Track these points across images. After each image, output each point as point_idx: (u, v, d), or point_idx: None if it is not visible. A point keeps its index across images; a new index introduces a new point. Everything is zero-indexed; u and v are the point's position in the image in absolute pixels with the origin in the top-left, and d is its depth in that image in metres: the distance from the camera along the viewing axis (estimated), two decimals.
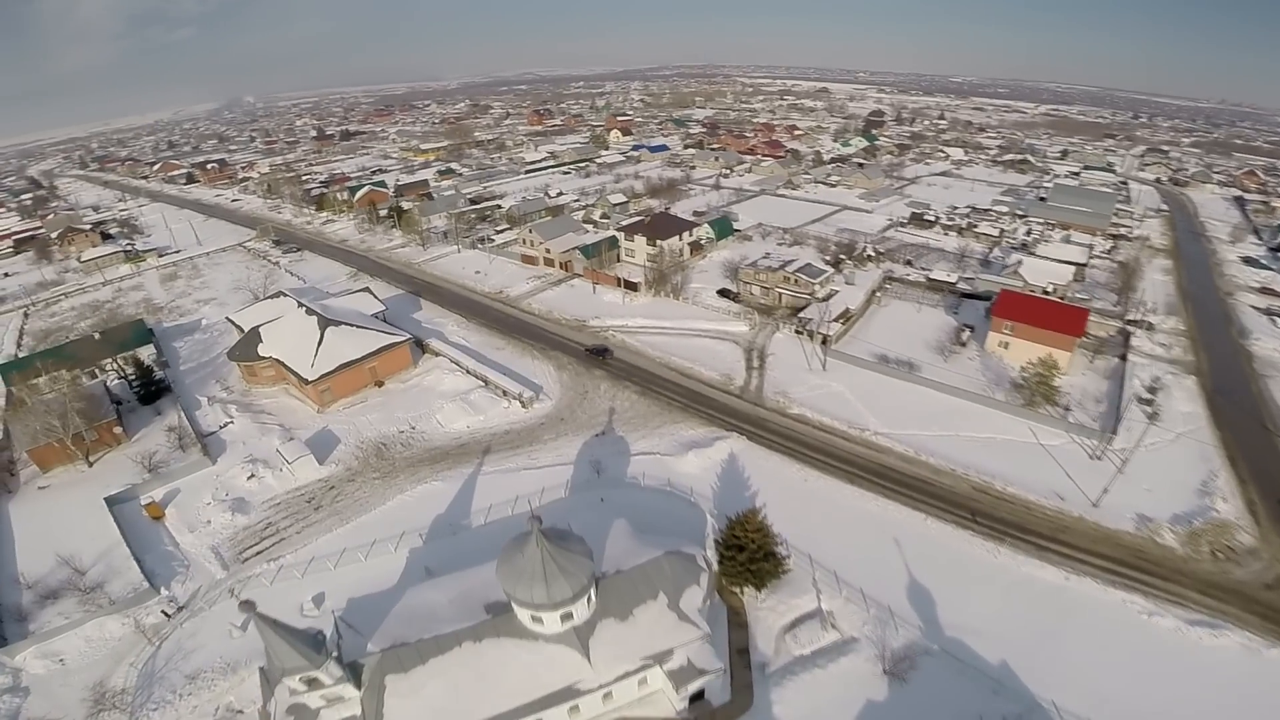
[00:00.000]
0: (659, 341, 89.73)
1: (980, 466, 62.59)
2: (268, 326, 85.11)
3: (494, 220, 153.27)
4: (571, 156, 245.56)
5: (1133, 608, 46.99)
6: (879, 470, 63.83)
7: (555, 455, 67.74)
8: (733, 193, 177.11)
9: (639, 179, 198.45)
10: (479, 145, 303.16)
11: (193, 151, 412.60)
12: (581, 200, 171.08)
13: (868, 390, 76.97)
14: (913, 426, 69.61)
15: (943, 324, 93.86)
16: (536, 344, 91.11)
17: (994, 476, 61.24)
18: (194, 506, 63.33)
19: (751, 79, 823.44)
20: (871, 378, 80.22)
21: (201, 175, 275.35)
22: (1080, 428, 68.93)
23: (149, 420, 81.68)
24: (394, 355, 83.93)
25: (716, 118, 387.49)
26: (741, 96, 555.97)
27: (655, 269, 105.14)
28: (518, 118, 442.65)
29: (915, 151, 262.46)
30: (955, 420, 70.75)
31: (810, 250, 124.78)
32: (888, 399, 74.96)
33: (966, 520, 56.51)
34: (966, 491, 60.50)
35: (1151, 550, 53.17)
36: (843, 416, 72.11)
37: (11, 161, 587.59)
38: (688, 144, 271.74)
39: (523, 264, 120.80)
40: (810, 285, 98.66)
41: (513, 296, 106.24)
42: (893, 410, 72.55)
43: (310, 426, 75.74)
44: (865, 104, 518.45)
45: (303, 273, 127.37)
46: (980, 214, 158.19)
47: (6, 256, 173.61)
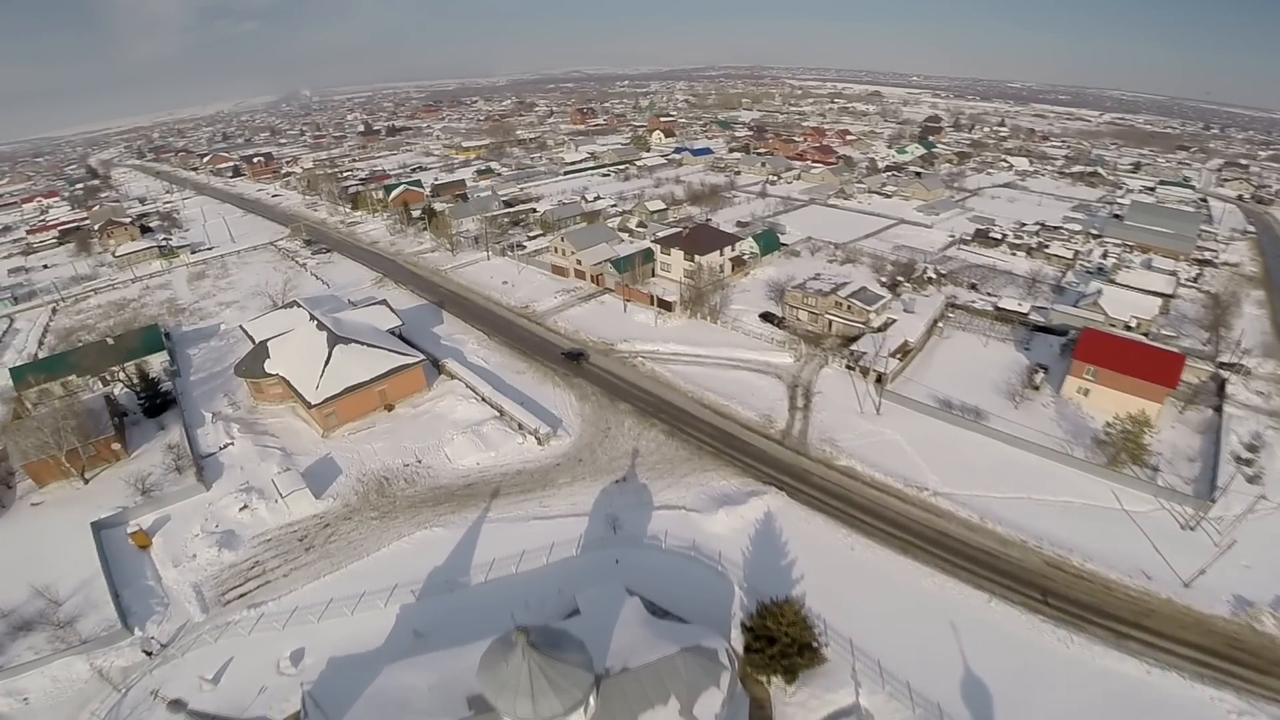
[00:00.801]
0: (692, 373, 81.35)
1: (1055, 537, 54.01)
2: (276, 341, 79.94)
3: (527, 225, 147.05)
4: (612, 158, 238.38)
5: (1222, 706, 40.39)
6: (937, 539, 54.99)
7: (569, 503, 60.55)
8: (779, 201, 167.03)
9: (680, 184, 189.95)
10: (520, 144, 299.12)
11: (245, 144, 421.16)
12: (619, 206, 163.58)
13: (927, 440, 67.42)
14: (978, 486, 60.24)
15: (1012, 362, 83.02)
16: (559, 369, 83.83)
17: (1070, 549, 52.74)
18: (182, 537, 58.45)
19: (800, 81, 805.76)
20: (932, 425, 70.44)
21: (248, 169, 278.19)
22: (1171, 492, 59.11)
23: (152, 435, 77.68)
24: (406, 377, 77.67)
25: (763, 120, 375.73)
26: (790, 99, 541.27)
27: (692, 287, 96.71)
28: (561, 116, 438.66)
29: (976, 160, 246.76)
30: (1027, 479, 61.16)
31: (864, 270, 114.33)
32: (950, 452, 65.41)
33: (1036, 602, 48.41)
34: (1037, 567, 51.78)
35: (1248, 639, 45.39)
36: (898, 472, 62.86)
37: (78, 149, 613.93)
38: (733, 147, 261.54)
39: (553, 275, 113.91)
40: (865, 313, 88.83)
41: (539, 312, 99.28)
42: (955, 466, 63.05)
43: (312, 453, 70.11)
44: (920, 108, 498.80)
45: (329, 276, 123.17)
46: (1051, 232, 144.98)
47: (50, 247, 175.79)
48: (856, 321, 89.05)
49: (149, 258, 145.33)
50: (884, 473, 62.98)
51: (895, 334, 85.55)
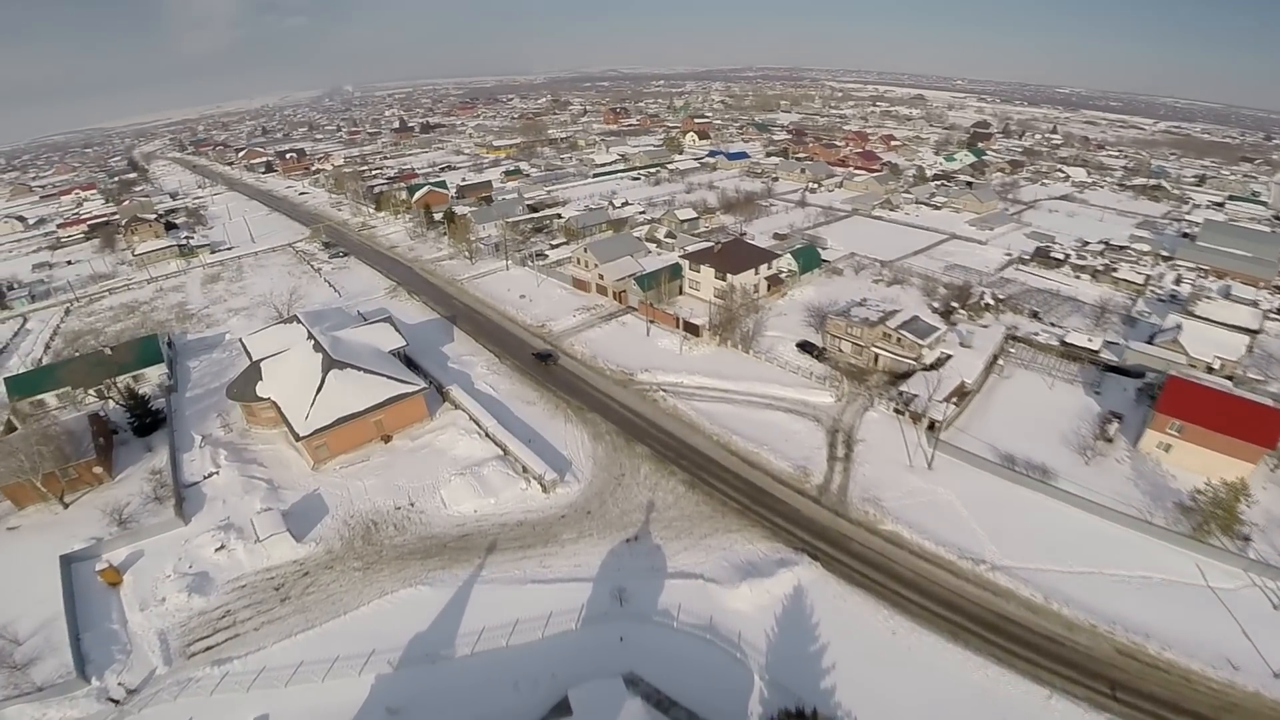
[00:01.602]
0: (719, 412, 72.90)
1: (1129, 619, 46.87)
2: (270, 362, 74.21)
3: (550, 232, 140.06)
4: (643, 160, 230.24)
5: None
6: (994, 622, 47.47)
7: (572, 564, 53.48)
8: (820, 212, 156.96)
9: (713, 189, 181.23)
10: (551, 143, 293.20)
11: (283, 139, 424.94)
12: (647, 213, 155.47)
13: (985, 502, 58.60)
14: (1043, 558, 52.21)
15: (1082, 408, 73.08)
16: (573, 400, 76.31)
17: (1146, 634, 45.69)
18: (153, 577, 53.74)
19: (840, 83, 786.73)
20: (990, 484, 61.35)
21: (280, 164, 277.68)
22: (1264, 566, 51.09)
23: (139, 456, 72.83)
24: (405, 406, 71.08)
25: (803, 123, 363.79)
26: (830, 101, 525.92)
27: (723, 309, 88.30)
28: (595, 115, 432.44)
29: (1030, 170, 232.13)
30: (1099, 550, 53.08)
31: (913, 293, 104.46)
32: (1011, 517, 56.77)
33: (1104, 697, 42.03)
34: (1107, 655, 44.86)
35: None
36: (951, 540, 54.36)
37: (126, 140, 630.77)
38: (770, 151, 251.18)
39: (573, 289, 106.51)
40: (917, 347, 79.31)
41: (556, 333, 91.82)
42: (1017, 534, 54.68)
43: (299, 487, 64.28)
44: (965, 113, 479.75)
45: (342, 283, 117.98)
46: (1117, 252, 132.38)
47: (77, 242, 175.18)
48: (907, 357, 79.61)
49: (168, 257, 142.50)
50: (935, 540, 54.52)
51: (950, 373, 76.03)
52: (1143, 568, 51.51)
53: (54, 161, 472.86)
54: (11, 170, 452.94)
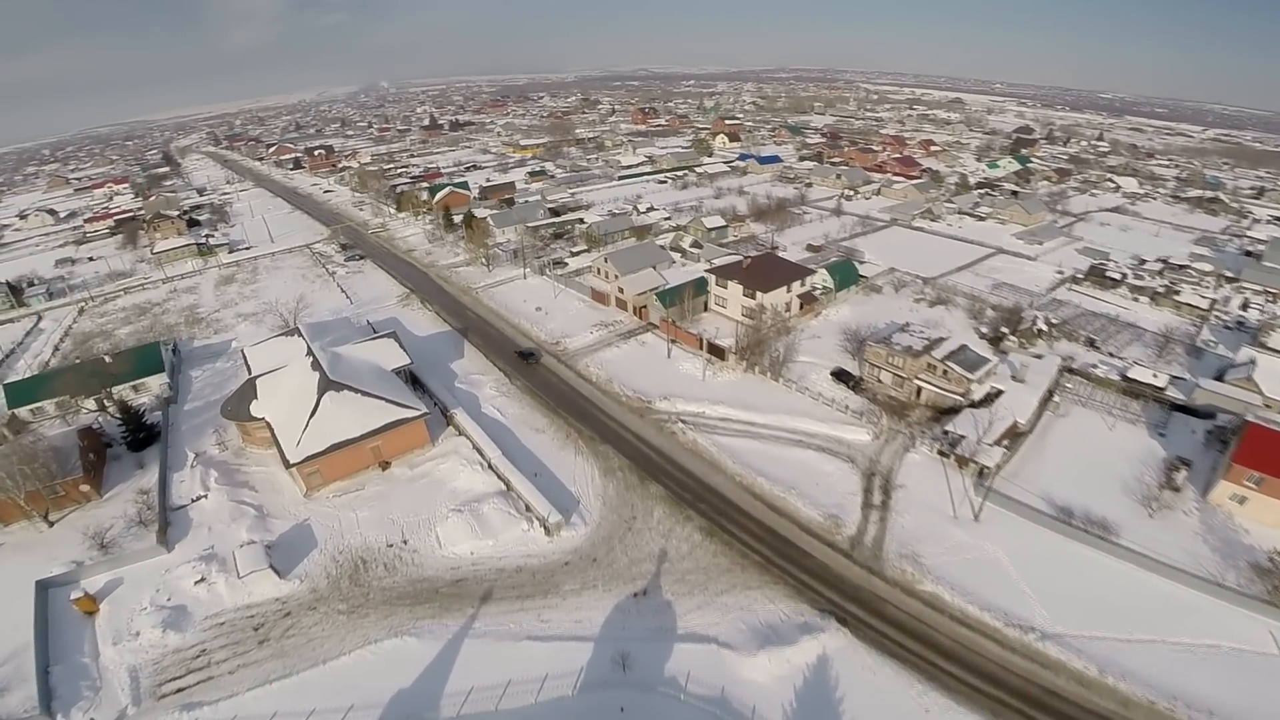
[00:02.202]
0: (744, 449, 66.44)
1: (1193, 694, 41.43)
2: (266, 379, 69.90)
3: (571, 238, 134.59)
4: (670, 163, 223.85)
5: None
6: (1040, 699, 41.95)
7: (573, 620, 48.27)
8: (857, 221, 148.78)
9: (743, 195, 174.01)
10: (578, 143, 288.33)
11: (315, 134, 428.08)
12: (673, 219, 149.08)
13: (1037, 560, 52.31)
14: (1099, 625, 46.58)
15: (1145, 452, 65.55)
16: (585, 429, 70.56)
17: (1211, 712, 40.31)
18: (129, 607, 50.47)
19: (875, 85, 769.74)
20: (1043, 539, 54.78)
21: (308, 161, 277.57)
22: None
23: (130, 473, 69.74)
24: (405, 432, 66.14)
25: (837, 126, 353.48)
26: (865, 104, 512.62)
27: (751, 331, 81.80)
28: (623, 115, 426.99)
29: (1077, 179, 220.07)
30: (1162, 615, 47.17)
31: (958, 315, 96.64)
32: (1065, 577, 50.61)
33: None
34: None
35: None
36: (997, 603, 48.22)
37: (166, 133, 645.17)
38: (803, 155, 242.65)
39: (592, 302, 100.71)
40: (965, 381, 71.91)
41: (571, 351, 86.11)
42: (1071, 596, 48.68)
43: (289, 515, 60.07)
44: (1005, 117, 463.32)
45: (355, 288, 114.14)
46: (1176, 272, 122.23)
47: (103, 237, 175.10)
48: (954, 392, 72.22)
49: (186, 256, 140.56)
50: (979, 604, 48.32)
51: (1001, 411, 68.52)
52: (1211, 635, 45.79)
53: (95, 154, 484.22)
54: (54, 162, 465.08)
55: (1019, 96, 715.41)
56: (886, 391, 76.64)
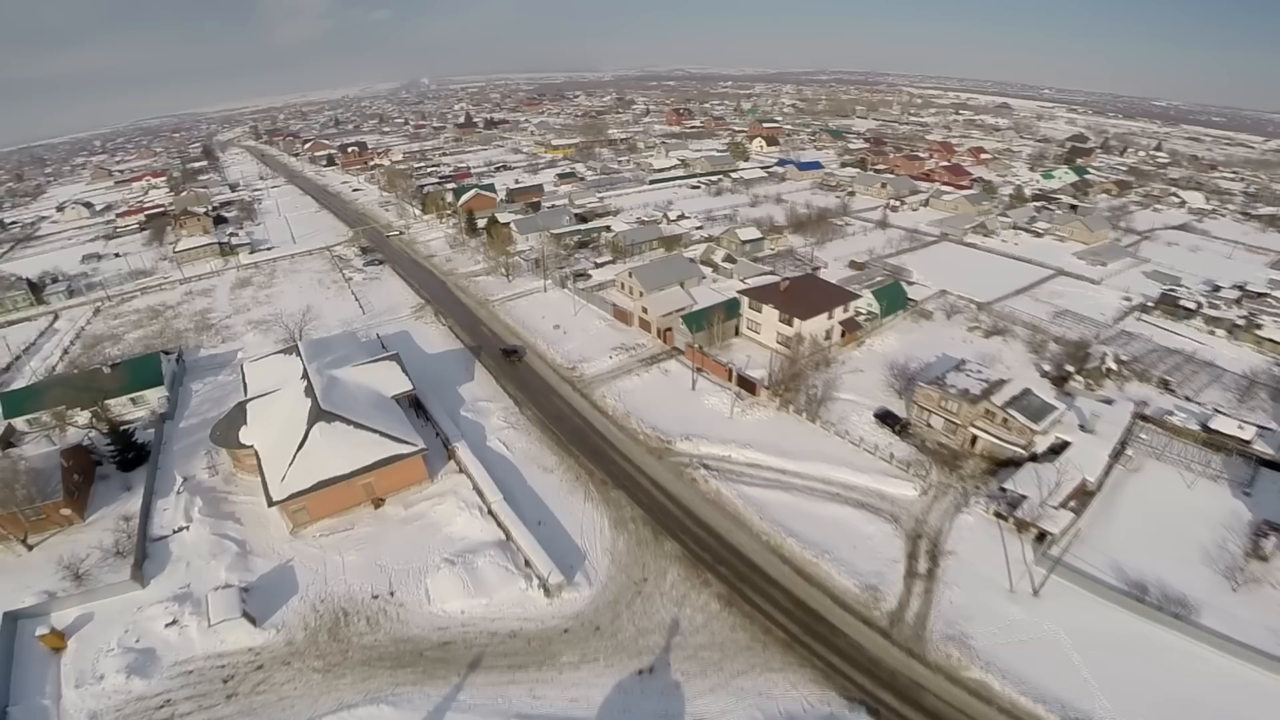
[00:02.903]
0: (772, 501, 58.81)
1: None
2: (257, 403, 65.00)
3: (597, 247, 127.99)
4: (704, 167, 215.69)
5: None
6: None
7: (568, 699, 42.15)
8: (904, 236, 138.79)
9: (781, 203, 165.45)
10: (610, 144, 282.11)
11: (353, 130, 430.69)
12: (705, 228, 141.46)
13: (1102, 642, 44.81)
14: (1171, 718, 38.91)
15: (1229, 514, 56.74)
16: (597, 471, 63.77)
17: None
18: (97, 646, 46.87)
19: (919, 89, 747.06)
20: (1111, 618, 46.96)
21: (341, 158, 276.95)
22: None
23: (116, 495, 65.72)
24: (401, 468, 60.35)
25: (880, 131, 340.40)
26: (909, 108, 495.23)
27: (787, 361, 74.08)
28: (658, 115, 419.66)
29: (1138, 192, 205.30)
30: (1245, 707, 40.46)
31: (1017, 347, 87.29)
32: (1134, 662, 43.35)
33: None
34: None
35: None
36: (1054, 695, 41.07)
37: (212, 126, 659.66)
38: (845, 162, 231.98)
39: (614, 321, 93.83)
40: (1029, 432, 63.15)
41: (588, 377, 79.29)
42: (1140, 685, 41.81)
43: (272, 554, 55.19)
44: (1056, 124, 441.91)
45: (370, 297, 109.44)
46: (1254, 300, 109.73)
47: (132, 232, 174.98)
48: (1014, 443, 63.49)
49: (207, 255, 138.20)
50: (1033, 694, 41.21)
51: (1068, 467, 59.77)
52: None
53: (141, 145, 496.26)
54: (102, 153, 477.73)
55: (1068, 102, 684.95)
56: (937, 438, 68.14)
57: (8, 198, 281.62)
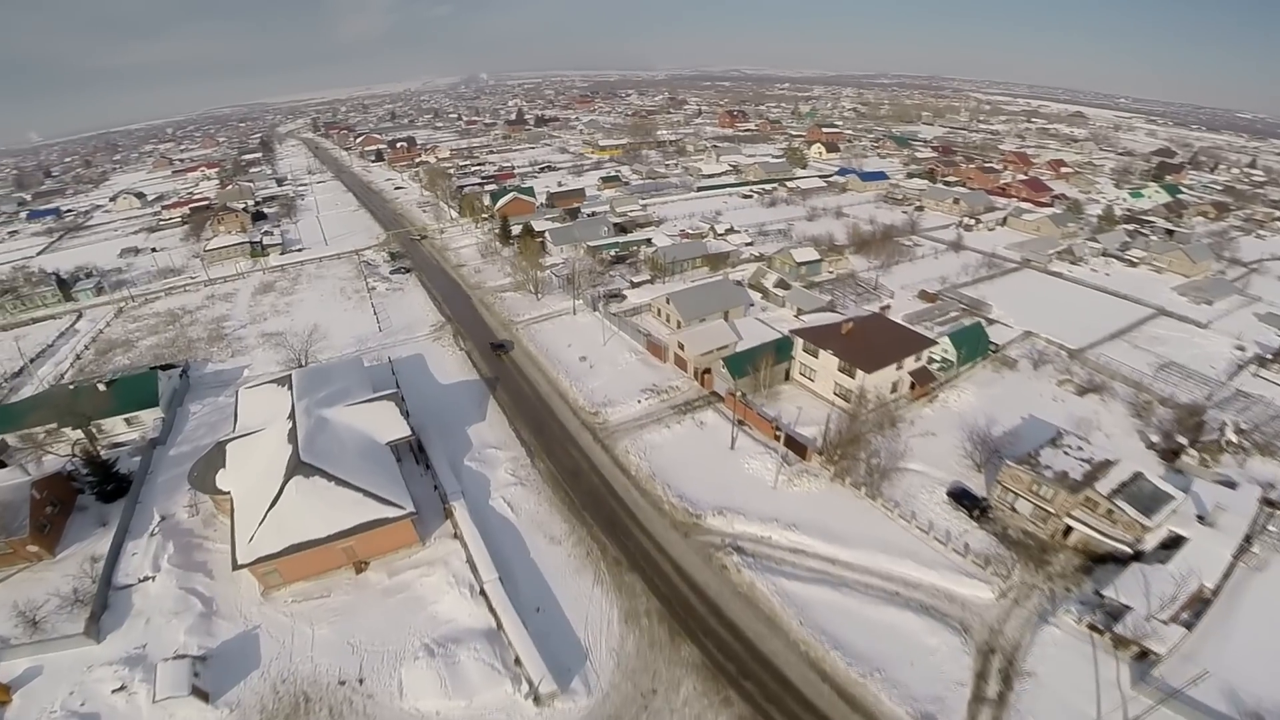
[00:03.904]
0: (817, 601, 48.12)
1: None
2: (238, 445, 57.88)
3: (635, 263, 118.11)
4: (757, 174, 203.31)
5: None
6: None
7: None
8: (981, 261, 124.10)
9: (841, 217, 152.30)
10: (658, 146, 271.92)
11: (408, 125, 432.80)
12: (756, 245, 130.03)
13: None
14: None
15: None
16: (611, 546, 54.20)
17: None
18: (40, 705, 42.74)
19: (987, 94, 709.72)
20: None
21: (389, 153, 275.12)
22: None
23: (91, 530, 60.17)
24: (388, 532, 52.21)
25: (948, 139, 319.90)
26: (978, 115, 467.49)
27: (846, 420, 62.96)
28: (710, 116, 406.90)
29: (1238, 215, 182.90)
30: None
31: (1118, 409, 73.71)
32: None
33: None
34: None
35: None
36: None
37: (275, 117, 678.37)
38: (912, 172, 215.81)
39: (647, 354, 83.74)
40: (1138, 526, 50.69)
41: (611, 425, 69.51)
42: None
43: (239, 618, 48.74)
44: (1135, 135, 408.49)
45: (389, 311, 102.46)
46: None
47: (174, 226, 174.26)
48: (1119, 539, 51.08)
49: (236, 255, 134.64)
50: None
51: (1183, 569, 47.64)
52: None
53: (208, 134, 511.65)
54: (171, 141, 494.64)
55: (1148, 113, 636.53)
56: (1022, 525, 56.08)
57: (72, 184, 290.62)
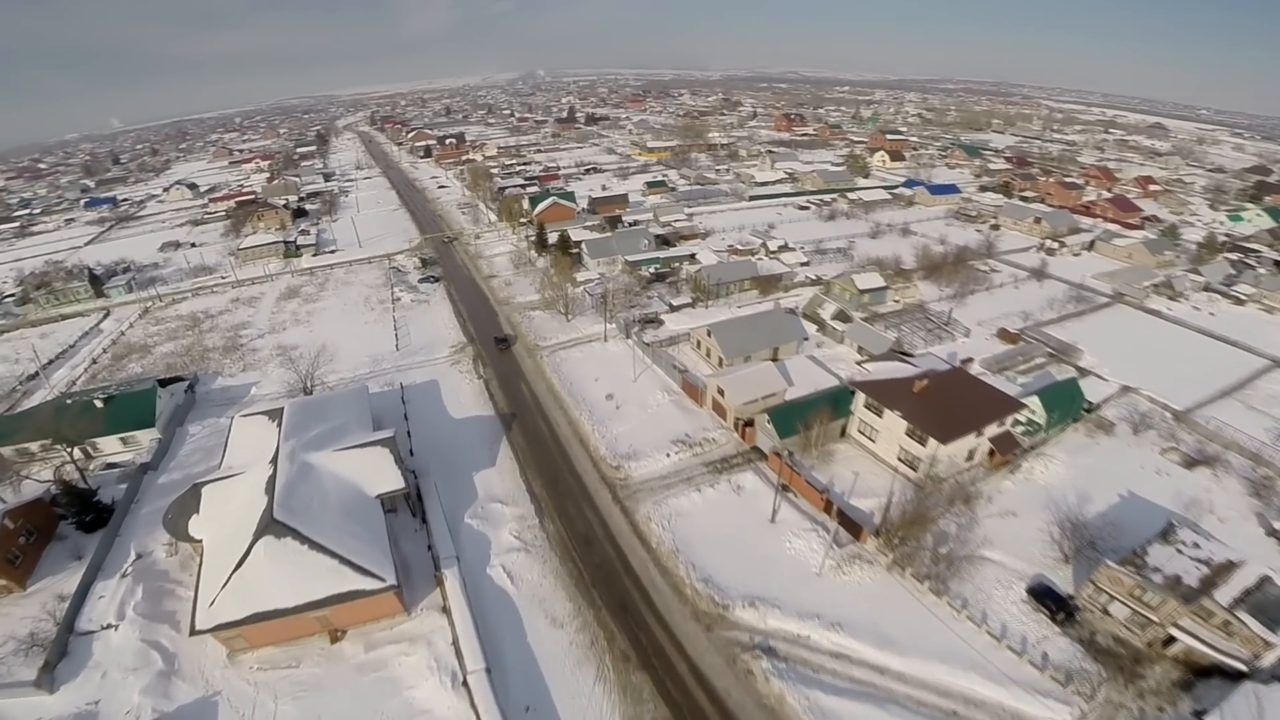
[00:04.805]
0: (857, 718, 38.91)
1: None
2: (214, 489, 51.85)
3: (676, 282, 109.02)
4: (816, 183, 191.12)
5: None
6: None
7: None
8: (1067, 292, 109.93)
9: (908, 235, 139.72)
10: (709, 149, 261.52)
11: (463, 120, 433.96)
12: (813, 265, 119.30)
13: None
14: None
15: None
16: (620, 636, 45.81)
17: None
18: None
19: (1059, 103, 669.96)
20: None
21: (438, 150, 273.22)
22: None
23: (66, 564, 55.48)
24: (366, 602, 45.23)
25: (1020, 148, 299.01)
26: (1051, 124, 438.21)
27: (912, 493, 52.91)
28: (765, 120, 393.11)
29: None
30: None
31: (1232, 486, 61.25)
32: None
33: None
34: None
35: None
36: None
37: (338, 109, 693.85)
38: (985, 186, 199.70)
39: (681, 395, 74.47)
40: (1259, 640, 39.35)
41: (634, 482, 60.67)
42: None
43: (200, 682, 43.64)
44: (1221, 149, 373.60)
45: (410, 326, 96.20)
46: None
47: (219, 219, 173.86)
48: (1233, 654, 39.82)
49: (269, 255, 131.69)
50: None
51: None
52: None
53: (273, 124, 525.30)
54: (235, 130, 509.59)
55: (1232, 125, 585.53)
56: (1113, 630, 45.17)
57: (135, 172, 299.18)
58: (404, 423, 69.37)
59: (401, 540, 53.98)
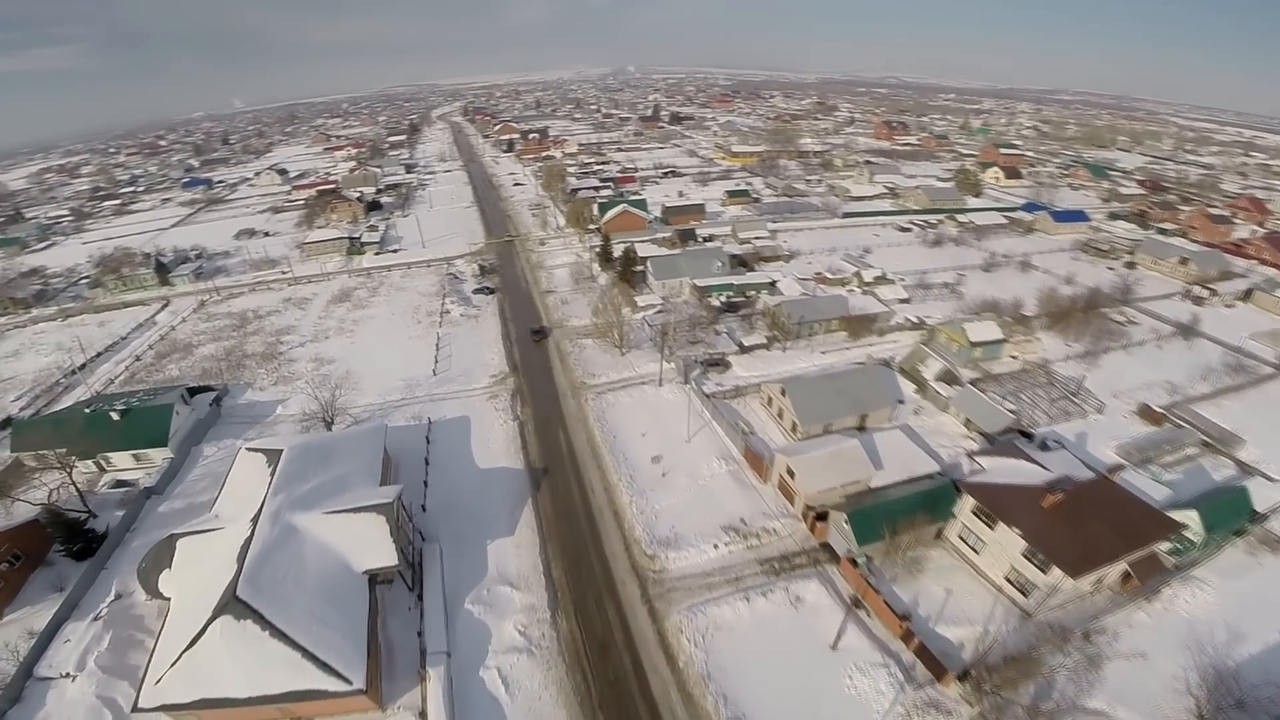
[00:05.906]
0: None
1: None
2: (189, 542, 45.36)
3: (750, 315, 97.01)
4: (920, 201, 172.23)
5: None
6: None
7: None
8: (1224, 359, 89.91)
9: (1028, 270, 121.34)
10: (800, 157, 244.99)
11: (551, 114, 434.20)
12: (915, 301, 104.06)
13: None
14: None
15: None
16: None
17: None
18: None
19: (1188, 119, 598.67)
20: None
21: (521, 144, 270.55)
22: None
23: (46, 594, 51.49)
24: (331, 703, 37.37)
25: (1151, 170, 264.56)
26: (1184, 143, 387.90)
27: (1018, 622, 39.79)
28: (864, 126, 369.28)
29: None
30: None
31: None
32: None
33: None
34: None
35: None
36: None
37: (437, 98, 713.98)
38: (1115, 213, 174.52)
39: (742, 465, 62.49)
40: None
41: (669, 578, 49.68)
42: None
43: None
44: None
45: (453, 344, 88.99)
46: None
47: (298, 208, 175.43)
48: None
49: (332, 251, 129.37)
50: None
51: None
52: None
53: (375, 111, 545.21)
54: (338, 117, 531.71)
55: None
56: None
57: (239, 154, 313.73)
58: (424, 468, 61.78)
59: (391, 619, 46.04)
